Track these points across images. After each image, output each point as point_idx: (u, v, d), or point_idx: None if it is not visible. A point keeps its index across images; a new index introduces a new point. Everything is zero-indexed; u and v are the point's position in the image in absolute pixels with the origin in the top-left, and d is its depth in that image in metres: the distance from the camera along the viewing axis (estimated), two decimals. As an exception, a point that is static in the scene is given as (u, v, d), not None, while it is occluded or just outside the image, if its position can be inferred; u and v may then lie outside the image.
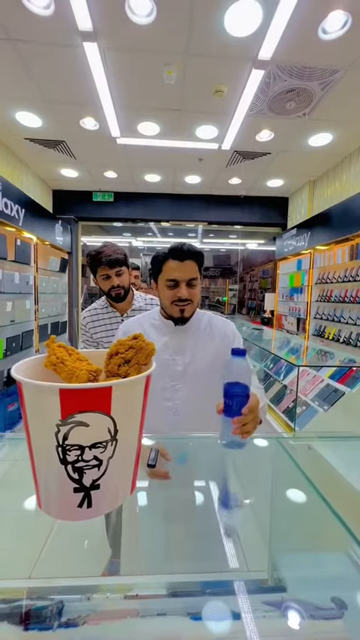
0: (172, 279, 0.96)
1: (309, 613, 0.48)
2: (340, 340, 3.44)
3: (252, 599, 0.54)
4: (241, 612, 0.49)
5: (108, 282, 1.31)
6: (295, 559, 0.70)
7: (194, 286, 0.99)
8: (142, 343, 0.57)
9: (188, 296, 0.97)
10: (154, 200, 5.07)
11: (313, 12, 1.86)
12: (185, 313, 1.00)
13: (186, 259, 0.96)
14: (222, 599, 0.56)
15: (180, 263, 0.95)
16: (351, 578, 0.58)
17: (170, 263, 0.96)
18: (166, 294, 0.99)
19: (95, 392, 0.43)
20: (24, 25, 1.98)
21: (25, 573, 0.61)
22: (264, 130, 3.18)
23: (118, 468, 0.48)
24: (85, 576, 0.63)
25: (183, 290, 0.96)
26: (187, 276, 0.96)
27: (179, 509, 0.79)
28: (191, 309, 1.01)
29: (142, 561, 0.71)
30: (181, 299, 0.97)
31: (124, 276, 1.34)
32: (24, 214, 3.46)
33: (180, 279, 0.96)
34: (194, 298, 1.00)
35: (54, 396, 0.41)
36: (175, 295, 0.97)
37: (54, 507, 0.48)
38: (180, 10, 1.87)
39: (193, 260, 0.97)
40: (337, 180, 3.88)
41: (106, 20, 1.96)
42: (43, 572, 0.61)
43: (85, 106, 2.83)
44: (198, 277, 0.99)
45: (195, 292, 1.00)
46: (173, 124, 3.09)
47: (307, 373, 1.97)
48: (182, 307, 0.98)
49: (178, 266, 0.95)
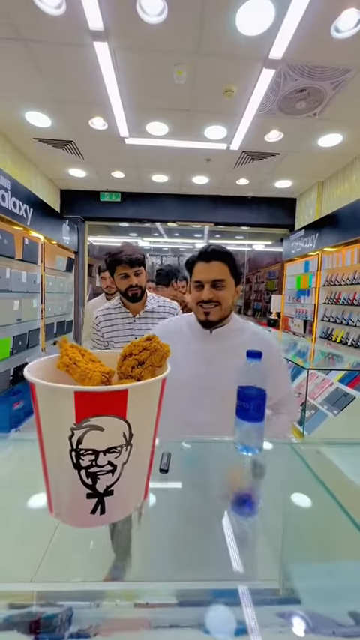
0: (197, 280, 0.95)
1: (330, 630, 0.46)
2: (349, 343, 3.39)
3: (265, 610, 0.52)
4: (256, 626, 0.47)
5: (126, 281, 1.32)
6: (308, 568, 0.68)
7: (221, 288, 0.94)
8: (156, 345, 0.55)
9: (212, 297, 0.94)
10: (161, 200, 5.07)
11: (327, 10, 1.84)
12: (211, 316, 0.96)
13: (212, 260, 0.94)
14: (233, 610, 0.55)
15: (206, 264, 0.94)
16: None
17: (198, 265, 0.96)
18: (193, 296, 0.97)
19: (111, 395, 0.41)
20: (35, 24, 1.98)
21: (28, 575, 0.60)
22: (273, 131, 3.15)
23: (132, 474, 0.47)
24: (92, 581, 0.62)
25: (206, 291, 0.93)
26: (212, 277, 0.93)
27: (187, 513, 0.77)
28: (218, 313, 0.96)
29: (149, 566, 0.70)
30: (204, 300, 0.94)
31: (142, 276, 1.35)
32: (32, 214, 3.48)
33: (204, 280, 0.94)
34: (222, 300, 0.95)
35: (69, 399, 0.40)
36: (200, 296, 0.95)
37: (66, 513, 0.47)
38: (191, 9, 1.86)
39: (221, 261, 0.94)
40: (347, 181, 3.83)
41: (117, 19, 1.95)
42: (47, 574, 0.60)
43: (94, 106, 2.84)
44: (226, 279, 0.95)
45: (222, 294, 0.95)
46: (182, 124, 3.08)
47: (316, 377, 1.94)
48: (207, 309, 0.95)
49: (204, 267, 0.94)
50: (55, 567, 0.62)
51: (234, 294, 1.00)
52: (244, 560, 0.65)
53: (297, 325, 4.70)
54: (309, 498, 0.81)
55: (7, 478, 0.81)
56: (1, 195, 2.85)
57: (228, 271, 0.95)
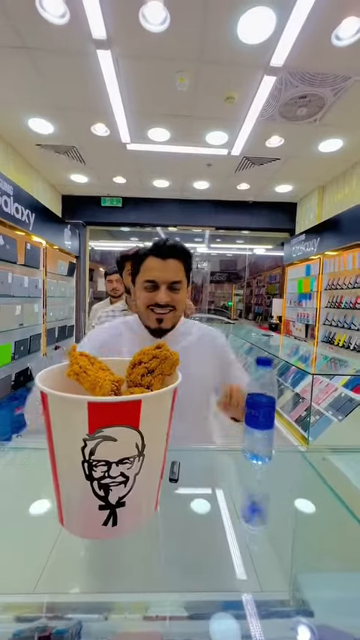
0: (150, 279, 0.80)
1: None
2: (351, 347, 3.38)
3: (277, 624, 0.51)
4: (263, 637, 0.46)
5: None
6: (320, 578, 0.66)
7: (177, 291, 0.82)
8: (166, 352, 0.55)
9: (169, 300, 0.80)
10: (162, 205, 5.10)
11: (327, 18, 1.86)
12: (163, 323, 0.83)
13: (169, 257, 0.80)
14: (244, 623, 0.53)
15: (161, 261, 0.80)
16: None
17: (150, 261, 0.80)
18: (142, 297, 0.82)
19: (125, 405, 0.41)
20: (39, 33, 2.01)
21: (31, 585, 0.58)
22: (274, 136, 3.18)
23: (144, 485, 0.46)
24: (98, 592, 0.61)
25: (162, 293, 0.79)
26: (169, 278, 0.80)
27: (196, 523, 0.76)
28: (172, 319, 0.84)
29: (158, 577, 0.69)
30: (159, 304, 0.80)
31: None
32: (34, 219, 3.50)
33: (159, 280, 0.79)
34: (177, 305, 0.83)
35: (82, 410, 0.39)
36: (153, 299, 0.80)
37: (77, 525, 0.46)
38: (193, 18, 1.88)
39: (178, 259, 0.81)
40: (347, 185, 3.85)
41: (120, 28, 1.98)
42: (50, 583, 0.58)
43: (96, 113, 2.86)
44: (183, 281, 0.83)
45: (178, 298, 0.82)
46: (183, 130, 3.11)
47: (320, 381, 1.93)
48: (160, 315, 0.81)
49: (159, 265, 0.80)
50: (58, 576, 0.61)
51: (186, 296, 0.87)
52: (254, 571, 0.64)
53: (298, 329, 4.70)
54: (318, 506, 0.80)
55: (9, 485, 0.80)
56: (4, 201, 2.87)
57: (184, 271, 0.83)
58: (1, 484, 0.80)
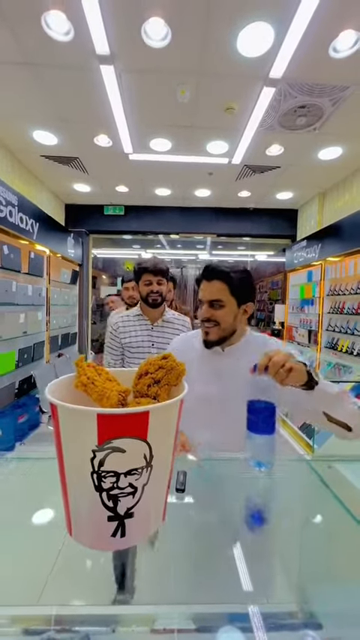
0: (199, 298, 0.98)
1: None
2: (354, 353, 3.37)
3: (285, 636, 0.51)
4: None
5: (149, 287, 1.46)
6: (328, 590, 0.66)
7: (218, 307, 0.95)
8: (172, 363, 0.56)
9: (210, 316, 0.95)
10: (164, 213, 5.15)
11: (325, 32, 1.90)
12: (210, 336, 0.97)
13: (212, 279, 0.95)
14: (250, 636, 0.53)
15: (207, 283, 0.96)
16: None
17: (202, 283, 0.98)
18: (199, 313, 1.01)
19: (133, 417, 0.42)
20: (44, 49, 2.07)
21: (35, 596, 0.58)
22: (274, 145, 3.22)
23: (152, 495, 0.47)
24: (102, 605, 0.60)
25: (203, 310, 0.95)
26: (209, 297, 0.95)
27: (203, 534, 0.76)
28: (217, 333, 0.97)
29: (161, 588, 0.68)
30: (203, 319, 0.96)
31: (164, 286, 1.49)
32: (38, 228, 3.55)
33: (203, 299, 0.96)
34: (220, 320, 0.95)
35: (91, 421, 0.40)
36: (201, 316, 0.97)
37: (86, 536, 0.47)
38: (194, 33, 1.93)
39: (220, 280, 0.94)
40: (347, 192, 3.88)
41: (123, 44, 2.03)
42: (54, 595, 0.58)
43: (99, 125, 2.92)
44: (223, 299, 0.94)
45: (219, 314, 0.95)
46: (185, 139, 3.16)
47: (324, 388, 1.93)
48: (206, 329, 0.97)
49: (205, 286, 0.96)
50: (62, 587, 0.60)
51: (237, 313, 0.97)
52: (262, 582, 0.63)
53: (301, 335, 4.69)
54: (325, 516, 0.79)
55: (13, 494, 0.81)
56: (9, 212, 2.92)
57: (227, 291, 0.94)
58: (5, 493, 0.80)
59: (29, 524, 0.68)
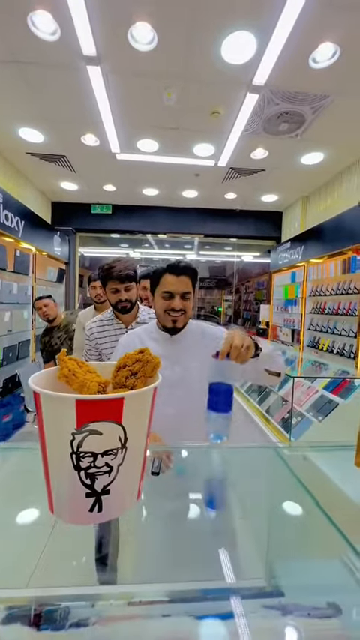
0: (167, 290, 1.05)
1: (306, 612, 0.51)
2: (334, 351, 3.50)
3: (252, 603, 0.57)
4: (241, 614, 0.51)
5: (116, 295, 1.40)
6: (293, 566, 0.72)
7: (187, 299, 1.07)
8: (148, 357, 0.60)
9: (182, 307, 1.06)
10: (152, 213, 5.19)
11: (305, 43, 1.99)
12: (177, 323, 1.08)
13: (182, 274, 1.05)
14: (222, 603, 0.59)
15: (176, 277, 1.05)
16: (346, 585, 0.61)
17: (167, 277, 1.05)
18: (161, 304, 1.07)
19: (108, 403, 0.46)
20: (30, 49, 2.07)
21: (23, 582, 0.62)
22: (259, 149, 3.31)
23: (127, 474, 0.51)
24: (86, 585, 0.65)
25: (177, 301, 1.05)
26: (181, 290, 1.05)
27: (177, 518, 0.81)
28: (184, 320, 1.09)
29: (140, 571, 0.73)
30: (174, 309, 1.05)
31: (132, 291, 1.42)
32: (23, 225, 3.52)
33: (174, 291, 1.05)
34: (187, 309, 1.08)
35: (70, 406, 0.45)
36: (169, 305, 1.05)
37: (66, 511, 0.51)
38: (180, 39, 1.98)
39: (188, 276, 1.06)
40: (329, 196, 4.02)
41: (110, 47, 2.06)
42: (41, 580, 0.62)
43: (86, 124, 2.93)
44: (191, 291, 1.08)
45: (188, 304, 1.08)
46: (171, 141, 3.21)
47: (302, 384, 2.01)
48: (175, 317, 1.07)
49: (174, 280, 1.05)
50: (49, 573, 0.65)
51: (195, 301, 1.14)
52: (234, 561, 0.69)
53: (285, 334, 4.82)
54: (293, 501, 0.86)
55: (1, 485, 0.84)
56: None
57: (191, 283, 1.08)
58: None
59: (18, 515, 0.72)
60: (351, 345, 3.27)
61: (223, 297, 9.75)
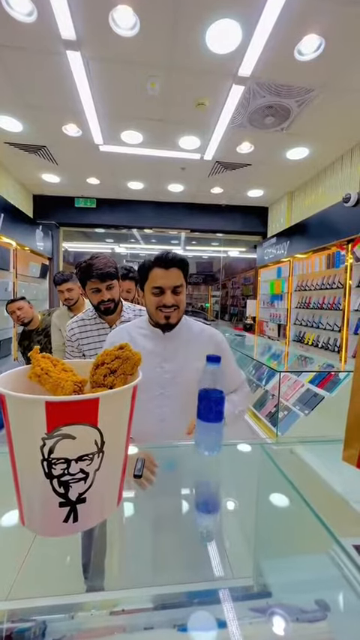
0: (157, 286, 0.97)
1: (294, 617, 0.49)
2: (319, 345, 3.55)
3: (239, 606, 0.54)
4: (229, 620, 0.49)
5: (98, 295, 1.26)
6: (279, 563, 0.71)
7: (179, 293, 1.00)
8: (128, 353, 0.57)
9: (174, 302, 0.98)
10: (138, 207, 5.09)
11: (290, 34, 1.96)
12: (171, 319, 1.01)
13: (171, 267, 0.97)
14: (209, 608, 0.56)
15: (165, 271, 0.97)
16: (333, 579, 0.60)
17: (156, 271, 0.97)
18: (151, 300, 1.00)
19: (82, 404, 0.42)
20: (6, 31, 1.96)
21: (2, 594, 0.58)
22: (244, 142, 3.29)
23: (105, 481, 0.48)
24: (67, 594, 0.61)
25: (168, 297, 0.97)
26: (172, 283, 0.97)
27: (163, 518, 0.78)
28: (177, 316, 1.02)
29: (127, 574, 0.70)
30: (166, 305, 0.98)
31: (115, 289, 1.29)
32: (3, 219, 3.38)
33: (165, 286, 0.97)
34: (180, 304, 1.01)
35: (39, 409, 0.41)
36: (161, 302, 0.98)
37: (38, 523, 0.47)
38: (163, 25, 1.92)
39: (178, 268, 0.98)
40: (314, 192, 4.05)
41: (90, 30, 1.97)
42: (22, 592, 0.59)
43: (67, 113, 2.82)
44: (183, 284, 1.00)
45: (180, 299, 1.00)
46: (156, 133, 3.14)
47: (289, 378, 2.02)
48: (167, 313, 0.99)
49: (163, 273, 0.97)
50: (30, 583, 0.61)
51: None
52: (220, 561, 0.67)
53: (271, 329, 4.86)
54: (280, 498, 0.85)
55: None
56: (-30, 200, 2.75)
57: (182, 276, 1.00)
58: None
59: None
60: (335, 339, 3.32)
61: (210, 293, 9.76)
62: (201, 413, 0.71)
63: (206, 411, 0.70)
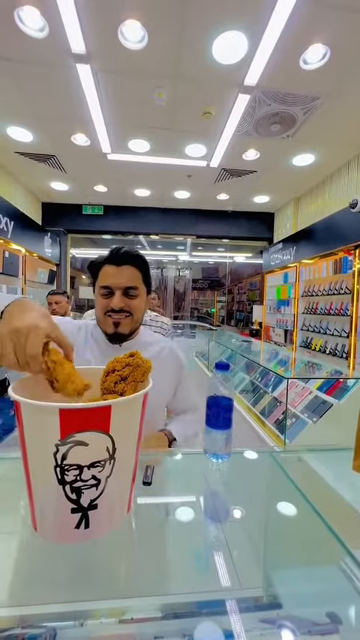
0: (105, 285, 0.80)
1: (305, 629, 0.49)
2: (327, 352, 3.52)
3: (248, 617, 0.54)
4: (239, 632, 0.49)
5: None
6: (289, 574, 0.70)
7: (133, 297, 0.82)
8: (139, 360, 0.58)
9: (124, 306, 0.80)
10: (144, 213, 5.15)
11: (295, 44, 1.99)
12: (120, 328, 0.82)
13: (124, 264, 0.81)
14: (219, 618, 0.56)
15: (116, 268, 0.80)
16: (344, 592, 0.59)
17: (106, 268, 0.81)
18: (99, 304, 0.82)
19: (95, 411, 0.43)
20: (18, 46, 2.03)
21: (10, 600, 0.58)
22: (250, 150, 3.31)
23: (116, 487, 0.48)
24: (76, 601, 0.61)
25: (117, 299, 0.79)
26: (123, 283, 0.80)
27: (171, 527, 0.78)
28: (129, 325, 0.83)
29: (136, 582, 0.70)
30: (114, 310, 0.79)
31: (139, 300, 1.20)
32: (13, 226, 3.45)
33: (114, 285, 0.80)
34: (134, 311, 0.82)
35: (54, 416, 0.41)
36: (108, 305, 0.80)
37: (50, 529, 0.48)
38: (170, 37, 1.96)
39: (133, 266, 0.82)
40: (320, 197, 4.05)
41: (99, 44, 2.03)
42: (32, 598, 0.59)
43: (76, 123, 2.89)
44: (140, 288, 0.83)
45: (134, 304, 0.82)
46: (163, 142, 3.19)
47: (296, 385, 2.01)
48: (116, 320, 0.81)
49: (113, 271, 0.80)
50: (40, 590, 0.61)
51: (146, 303, 0.88)
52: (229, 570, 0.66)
53: (278, 335, 4.83)
54: (289, 507, 0.84)
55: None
56: (-19, 209, 2.82)
57: (140, 278, 0.83)
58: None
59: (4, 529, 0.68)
60: (343, 345, 3.29)
61: (216, 299, 9.77)
62: (209, 420, 0.71)
63: (214, 418, 0.70)
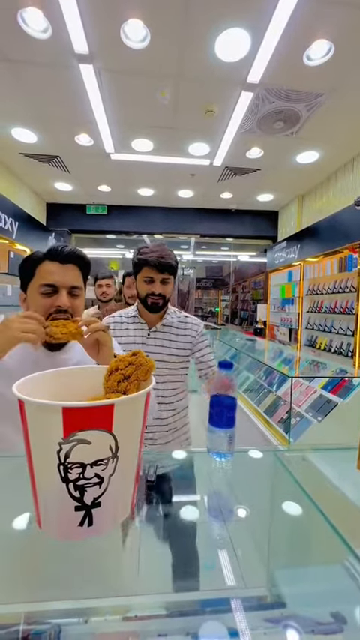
0: (49, 283, 0.75)
1: (310, 628, 0.49)
2: (332, 350, 3.49)
3: (252, 616, 0.54)
4: (243, 630, 0.49)
5: (149, 286, 1.14)
6: (293, 573, 0.70)
7: (77, 297, 0.78)
8: (141, 360, 0.58)
9: (70, 306, 0.76)
10: (148, 213, 5.16)
11: (299, 40, 1.97)
12: None
13: (68, 262, 0.77)
14: (222, 617, 0.56)
15: (61, 265, 0.76)
16: (349, 591, 0.59)
17: (47, 265, 0.76)
18: (38, 303, 0.75)
19: (98, 410, 0.43)
20: (21, 47, 2.04)
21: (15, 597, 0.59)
22: (254, 148, 3.30)
23: (119, 485, 0.49)
24: (81, 598, 0.62)
25: (64, 297, 0.75)
26: (69, 282, 0.76)
27: (175, 525, 0.78)
28: None
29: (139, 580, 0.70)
30: (60, 309, 0.74)
31: (169, 286, 1.17)
32: (18, 227, 3.48)
33: (60, 283, 0.75)
34: (76, 312, 0.78)
35: (57, 415, 0.42)
36: (53, 304, 0.75)
37: (54, 527, 0.48)
38: (173, 36, 1.96)
39: (77, 266, 0.79)
40: (325, 195, 4.02)
41: (102, 44, 2.03)
42: (37, 594, 0.60)
43: (80, 123, 2.90)
44: (82, 288, 0.80)
45: (77, 305, 0.78)
46: (166, 141, 3.18)
47: (301, 384, 1.99)
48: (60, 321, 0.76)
49: (58, 269, 0.76)
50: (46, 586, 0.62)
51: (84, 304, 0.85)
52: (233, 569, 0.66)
53: (282, 333, 4.80)
54: (293, 506, 0.83)
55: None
56: (-14, 210, 2.85)
57: (81, 278, 0.81)
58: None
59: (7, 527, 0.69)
60: (348, 344, 3.26)
61: (220, 297, 9.74)
62: (213, 419, 0.71)
63: (218, 417, 0.70)
